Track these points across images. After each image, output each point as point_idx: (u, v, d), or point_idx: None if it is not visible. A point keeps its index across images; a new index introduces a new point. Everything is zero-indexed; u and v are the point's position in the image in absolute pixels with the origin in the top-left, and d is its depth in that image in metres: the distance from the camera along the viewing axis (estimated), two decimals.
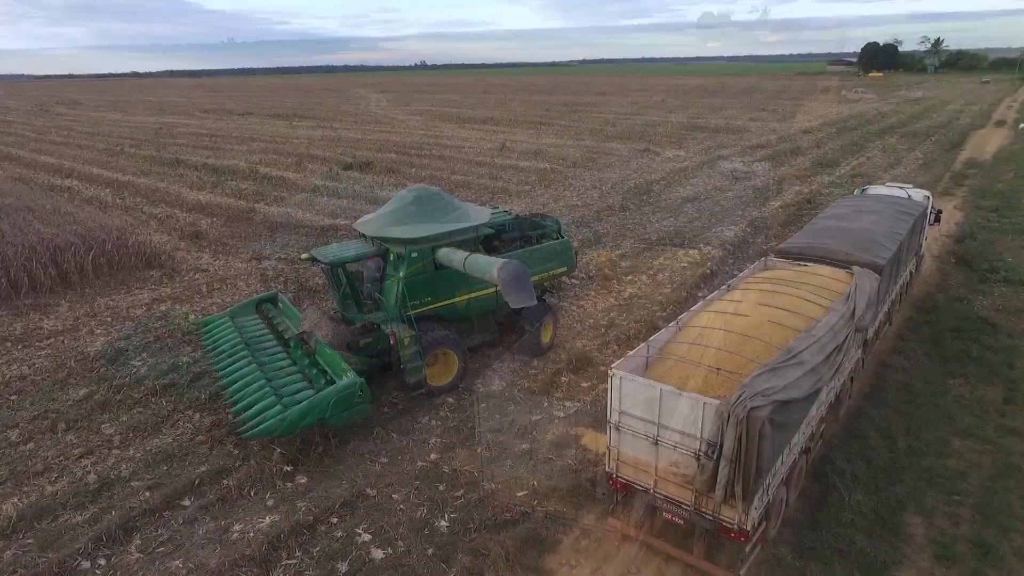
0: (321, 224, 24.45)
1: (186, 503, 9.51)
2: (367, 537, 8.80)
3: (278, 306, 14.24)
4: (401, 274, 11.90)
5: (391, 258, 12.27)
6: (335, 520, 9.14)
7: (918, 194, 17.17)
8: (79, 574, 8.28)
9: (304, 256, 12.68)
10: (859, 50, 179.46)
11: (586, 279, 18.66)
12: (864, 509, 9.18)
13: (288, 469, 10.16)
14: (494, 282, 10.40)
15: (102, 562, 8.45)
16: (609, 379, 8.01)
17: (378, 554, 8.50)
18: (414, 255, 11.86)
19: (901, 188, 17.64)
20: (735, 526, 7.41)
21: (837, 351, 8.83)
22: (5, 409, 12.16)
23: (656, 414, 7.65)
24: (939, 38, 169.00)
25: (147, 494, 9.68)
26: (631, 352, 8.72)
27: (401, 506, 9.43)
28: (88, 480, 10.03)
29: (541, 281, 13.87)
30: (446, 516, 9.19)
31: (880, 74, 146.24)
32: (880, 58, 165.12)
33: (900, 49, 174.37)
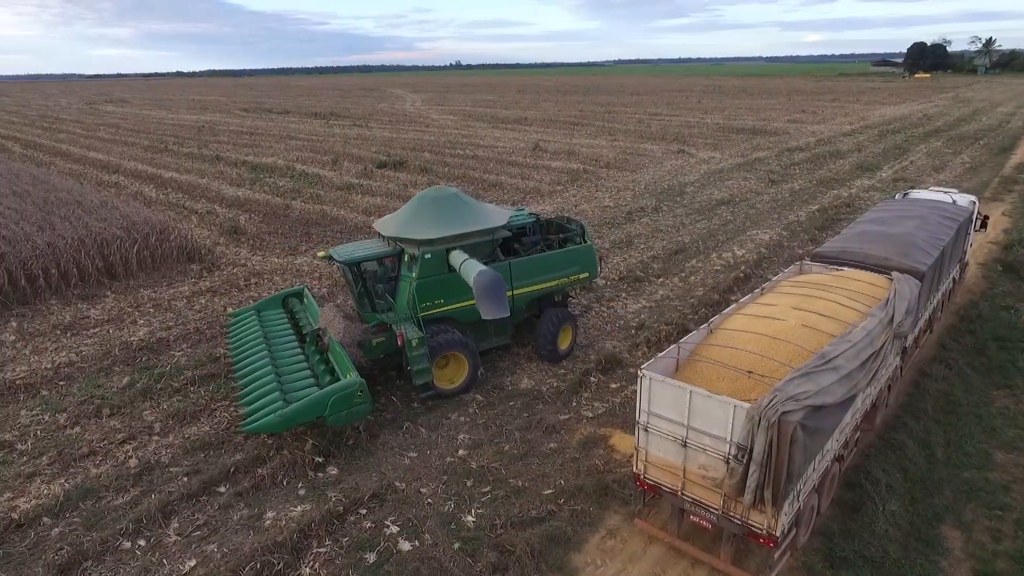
0: (356, 221, 24.86)
1: (222, 489, 9.80)
2: (395, 529, 8.94)
3: (303, 302, 14.49)
4: (414, 275, 11.91)
5: (405, 259, 12.29)
6: (364, 511, 9.31)
7: (964, 199, 16.64)
8: (120, 553, 8.60)
9: (321, 254, 12.80)
10: (905, 50, 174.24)
11: (617, 280, 18.58)
12: (899, 520, 8.96)
13: (320, 460, 10.38)
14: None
15: (142, 543, 8.77)
16: (638, 380, 7.99)
17: (405, 546, 8.63)
18: (427, 256, 11.81)
19: (945, 192, 17.13)
20: (764, 531, 7.32)
21: (874, 357, 8.65)
22: (55, 394, 12.69)
23: (685, 416, 7.60)
24: (991, 37, 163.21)
25: (185, 479, 10.00)
26: (661, 353, 8.67)
27: (429, 500, 9.55)
28: (130, 464, 10.41)
29: (561, 286, 13.62)
30: (473, 511, 9.28)
31: (927, 75, 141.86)
32: (928, 59, 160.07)
33: (949, 49, 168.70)
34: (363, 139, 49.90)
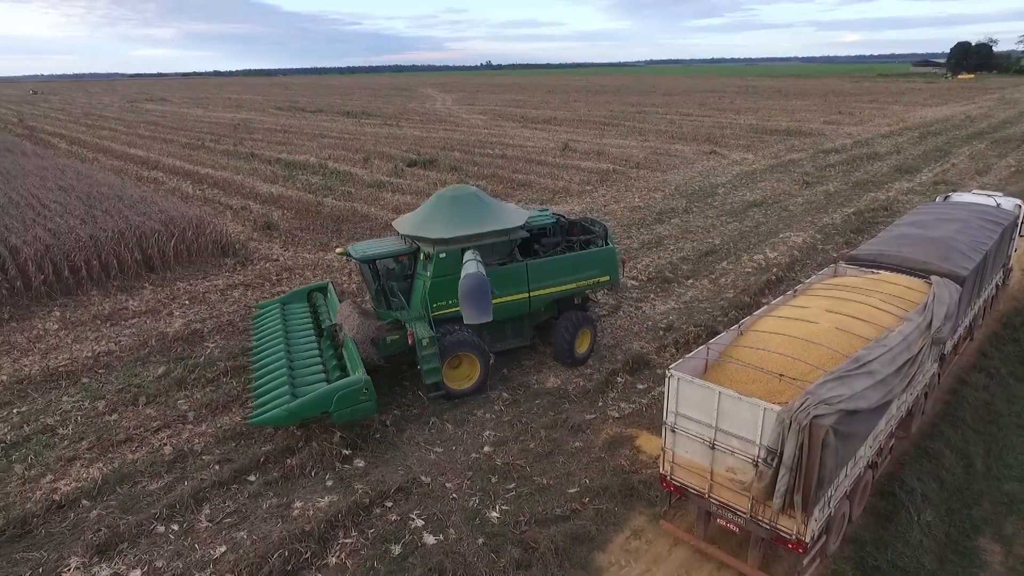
0: (386, 219, 25.11)
1: (252, 478, 10.00)
2: (420, 523, 9.01)
3: (326, 296, 14.67)
4: (428, 274, 11.89)
5: (420, 257, 12.26)
6: (390, 504, 9.40)
7: (1008, 202, 16.09)
8: (154, 537, 8.84)
9: (339, 250, 12.87)
10: (948, 50, 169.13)
11: (645, 280, 18.44)
12: (935, 531, 8.72)
13: (347, 452, 10.53)
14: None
15: (175, 527, 9.00)
16: (666, 380, 7.92)
17: (430, 540, 8.69)
18: (442, 255, 11.75)
19: (989, 196, 16.58)
20: (793, 537, 7.19)
21: (910, 363, 8.43)
22: (95, 381, 13.10)
23: (714, 418, 7.51)
24: None
25: (217, 467, 10.24)
26: (690, 354, 8.58)
27: (454, 495, 9.61)
28: (164, 451, 10.69)
29: (580, 289, 13.37)
30: (497, 508, 9.30)
31: (971, 76, 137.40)
32: (972, 59, 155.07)
33: (995, 49, 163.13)
34: (394, 138, 50.39)
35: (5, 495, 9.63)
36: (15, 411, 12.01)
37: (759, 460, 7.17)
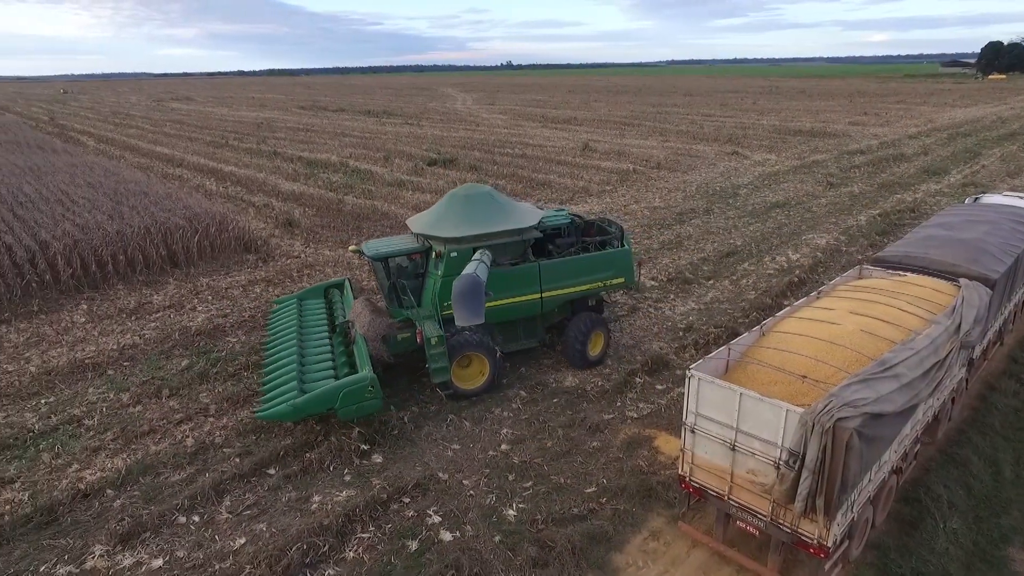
0: (405, 217, 25.18)
1: (271, 472, 10.10)
2: (437, 519, 9.02)
3: (343, 293, 14.75)
4: (439, 273, 11.85)
5: (432, 256, 12.22)
6: (407, 500, 9.43)
7: None
8: (176, 527, 8.97)
9: (352, 248, 12.88)
10: (978, 50, 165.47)
11: (665, 281, 18.29)
12: (962, 539, 8.52)
13: (365, 448, 10.58)
14: None
15: (196, 518, 9.12)
16: (686, 380, 7.83)
17: (447, 536, 8.70)
18: (453, 255, 11.70)
19: (1021, 197, 16.19)
20: (815, 541, 7.07)
21: (938, 367, 8.25)
22: (119, 374, 13.34)
23: (735, 419, 7.41)
24: None
25: (237, 460, 10.36)
26: (711, 354, 8.48)
27: (471, 492, 9.61)
28: (186, 443, 10.84)
29: (593, 291, 13.18)
30: (514, 506, 9.29)
31: (1003, 76, 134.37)
32: (1004, 59, 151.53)
33: None
34: (414, 137, 50.63)
35: (33, 483, 9.85)
36: (43, 401, 12.27)
37: (781, 462, 7.06)
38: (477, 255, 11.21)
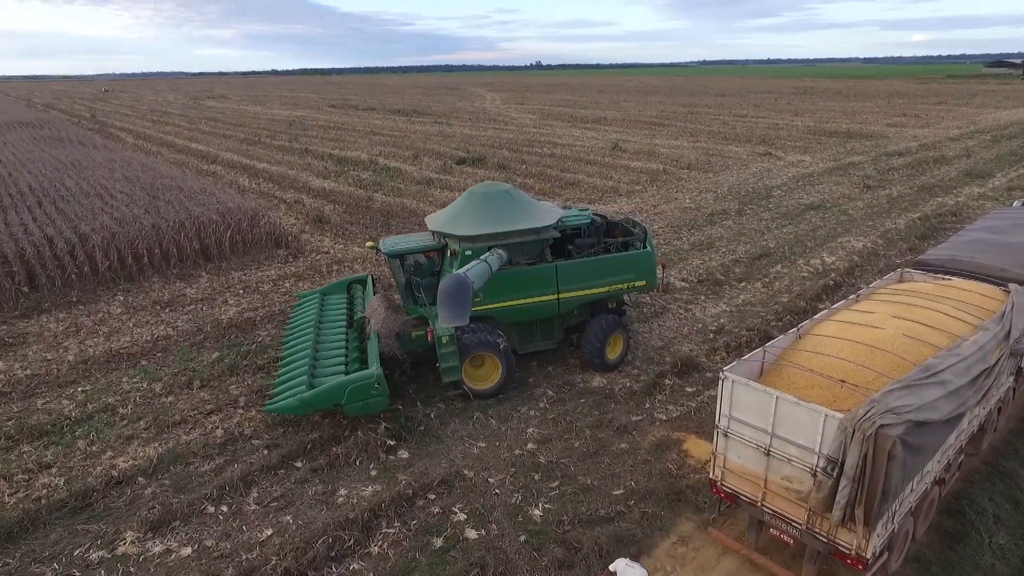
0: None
1: (299, 464, 10.15)
2: (462, 516, 8.96)
3: (364, 289, 14.78)
4: (454, 271, 11.74)
5: (448, 254, 12.10)
6: (433, 496, 9.39)
7: None
8: (204, 516, 9.07)
9: (369, 244, 12.80)
10: None
11: (696, 282, 17.99)
12: (1009, 555, 8.15)
13: (392, 443, 10.58)
14: None
15: (224, 508, 9.21)
16: (720, 382, 7.63)
17: (472, 534, 8.63)
18: (468, 253, 11.54)
19: None
20: (852, 552, 6.82)
21: (986, 374, 7.90)
22: (152, 364, 13.58)
23: (770, 423, 7.19)
24: None
25: (265, 452, 10.44)
26: (745, 356, 8.26)
27: (496, 490, 9.53)
28: (216, 434, 10.97)
29: (613, 293, 12.85)
30: (540, 505, 9.17)
31: None
32: None
33: None
34: (443, 136, 50.80)
35: (69, 469, 10.06)
36: (80, 390, 12.55)
37: (818, 469, 6.82)
38: (486, 255, 11.06)
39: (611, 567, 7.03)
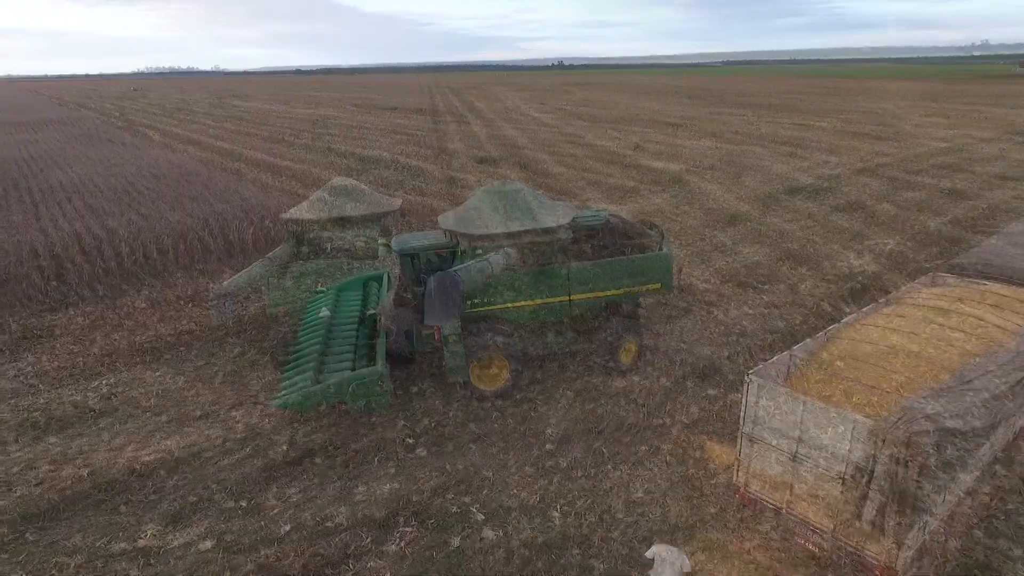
0: None
1: (318, 461, 10.18)
2: (480, 516, 8.90)
3: (380, 286, 14.77)
4: None
5: (458, 253, 12.00)
6: (451, 495, 9.34)
7: None
8: (225, 510, 9.12)
9: (381, 242, 12.77)
10: None
11: (718, 284, 17.73)
12: None
13: (410, 441, 10.56)
14: None
15: (244, 503, 9.25)
16: (745, 386, 7.48)
17: (490, 534, 8.57)
18: (478, 252, 11.45)
19: None
20: (882, 563, 6.63)
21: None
22: (176, 359, 13.74)
23: (796, 428, 7.03)
24: None
25: (285, 448, 10.48)
26: (771, 359, 8.08)
27: (514, 491, 9.45)
28: (236, 429, 11.05)
29: (627, 296, 12.61)
30: (559, 507, 9.08)
31: None
32: None
33: None
34: (464, 135, 50.86)
35: (92, 461, 10.19)
36: (104, 382, 12.74)
37: (846, 477, 6.65)
38: (491, 254, 10.91)
39: (648, 553, 6.91)
